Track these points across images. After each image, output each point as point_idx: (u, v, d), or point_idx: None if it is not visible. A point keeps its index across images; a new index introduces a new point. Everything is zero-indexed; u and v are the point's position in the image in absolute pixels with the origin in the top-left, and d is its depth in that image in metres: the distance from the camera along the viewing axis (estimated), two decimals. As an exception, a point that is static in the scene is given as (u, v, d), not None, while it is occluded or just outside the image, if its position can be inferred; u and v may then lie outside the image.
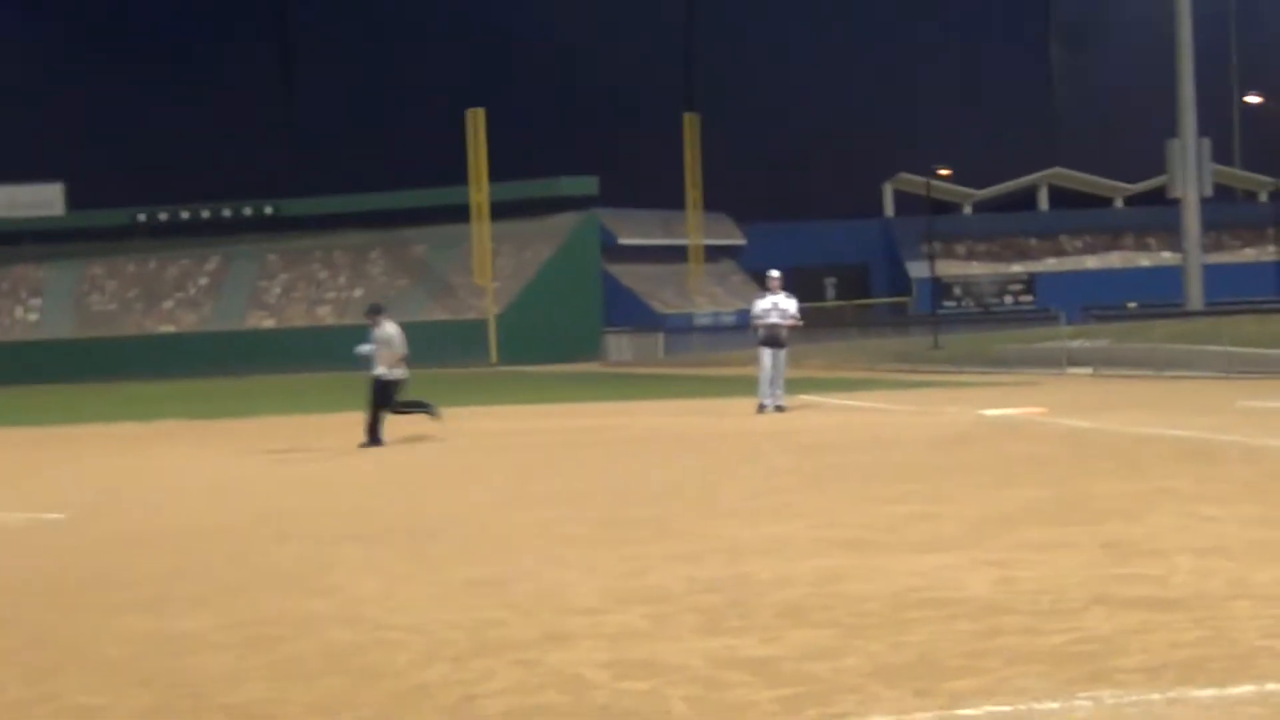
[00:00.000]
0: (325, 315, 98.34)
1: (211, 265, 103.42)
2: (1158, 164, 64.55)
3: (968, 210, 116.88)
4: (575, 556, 11.87)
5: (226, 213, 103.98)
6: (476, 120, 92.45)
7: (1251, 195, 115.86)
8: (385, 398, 25.40)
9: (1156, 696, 6.98)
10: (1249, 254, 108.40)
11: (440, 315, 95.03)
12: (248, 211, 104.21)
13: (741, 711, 6.98)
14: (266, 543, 13.59)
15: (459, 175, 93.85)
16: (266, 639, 9.11)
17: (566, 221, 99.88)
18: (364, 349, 25.61)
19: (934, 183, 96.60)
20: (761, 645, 8.37)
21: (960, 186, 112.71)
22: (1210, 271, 63.82)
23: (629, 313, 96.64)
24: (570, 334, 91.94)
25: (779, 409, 29.54)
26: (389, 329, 25.60)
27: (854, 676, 7.55)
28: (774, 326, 30.07)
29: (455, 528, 14.04)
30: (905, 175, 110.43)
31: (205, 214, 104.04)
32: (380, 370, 25.49)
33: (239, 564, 12.29)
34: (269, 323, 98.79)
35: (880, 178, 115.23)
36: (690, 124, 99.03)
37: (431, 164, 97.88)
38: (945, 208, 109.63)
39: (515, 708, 7.23)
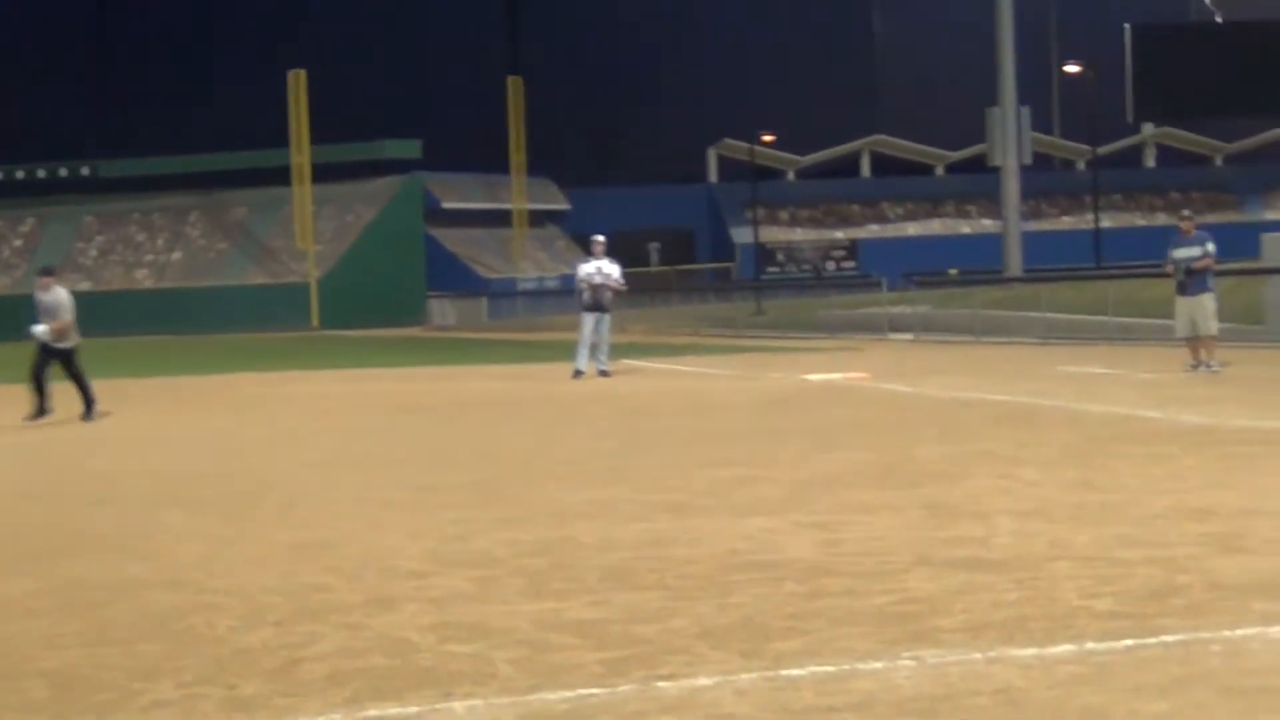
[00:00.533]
0: (143, 278, 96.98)
1: (26, 227, 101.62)
2: (978, 132, 65.16)
3: (791, 176, 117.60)
4: (399, 520, 11.80)
5: (41, 173, 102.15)
6: (298, 82, 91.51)
7: (1070, 164, 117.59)
8: (44, 365, 23.57)
9: (978, 656, 7.04)
10: (1067, 221, 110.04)
11: (260, 279, 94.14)
12: (63, 173, 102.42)
13: (568, 673, 6.96)
14: (83, 506, 13.38)
15: (280, 137, 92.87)
16: (85, 604, 8.97)
17: (389, 185, 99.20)
18: (38, 330, 23.66)
19: (758, 149, 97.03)
20: (587, 608, 8.35)
21: (784, 153, 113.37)
22: (1030, 239, 64.62)
23: (452, 277, 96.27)
24: (393, 298, 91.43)
25: (603, 373, 29.56)
26: (59, 293, 23.97)
27: (680, 638, 7.56)
28: (598, 289, 30.05)
29: (277, 492, 13.90)
30: (729, 141, 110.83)
31: (20, 174, 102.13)
32: (42, 332, 23.67)
33: (56, 529, 12.08)
34: (85, 285, 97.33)
35: (704, 143, 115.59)
36: (514, 87, 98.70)
37: (253, 126, 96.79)
38: (769, 174, 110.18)
39: (340, 671, 7.16)
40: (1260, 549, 9.41)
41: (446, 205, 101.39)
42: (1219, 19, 57.57)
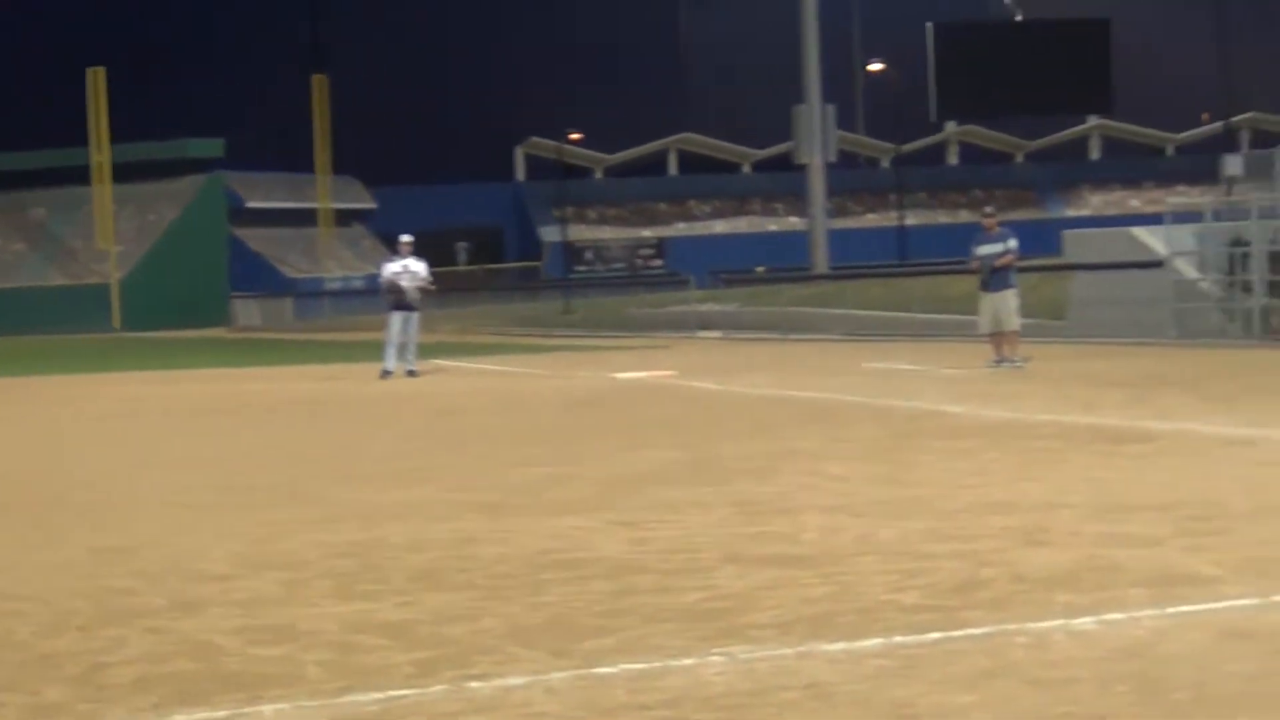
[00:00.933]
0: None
1: None
2: (784, 130, 65.71)
3: (599, 175, 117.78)
4: (205, 523, 11.65)
5: None
6: (97, 79, 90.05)
7: (875, 161, 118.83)
8: None
9: (787, 651, 7.08)
10: (872, 219, 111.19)
11: (60, 280, 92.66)
12: None
13: (378, 675, 6.91)
14: (-122, 514, 13.08)
15: (80, 136, 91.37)
16: (-121, 614, 8.75)
17: (192, 184, 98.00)
18: None
19: (565, 147, 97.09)
20: (397, 609, 8.29)
21: (591, 151, 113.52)
22: (835, 236, 65.24)
23: (257, 277, 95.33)
24: (196, 299, 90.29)
25: (411, 373, 29.40)
26: None
27: (491, 638, 7.53)
28: (405, 290, 29.88)
29: (79, 495, 13.67)
30: (536, 139, 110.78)
31: None
32: None
33: None
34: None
35: (512, 142, 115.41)
36: (319, 85, 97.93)
37: (51, 124, 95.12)
38: (576, 172, 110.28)
39: (146, 675, 7.05)
40: (1062, 542, 9.55)
41: (251, 204, 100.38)
42: (1019, 18, 58.48)
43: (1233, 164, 41.72)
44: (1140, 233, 35.08)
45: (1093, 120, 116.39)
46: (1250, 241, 31.11)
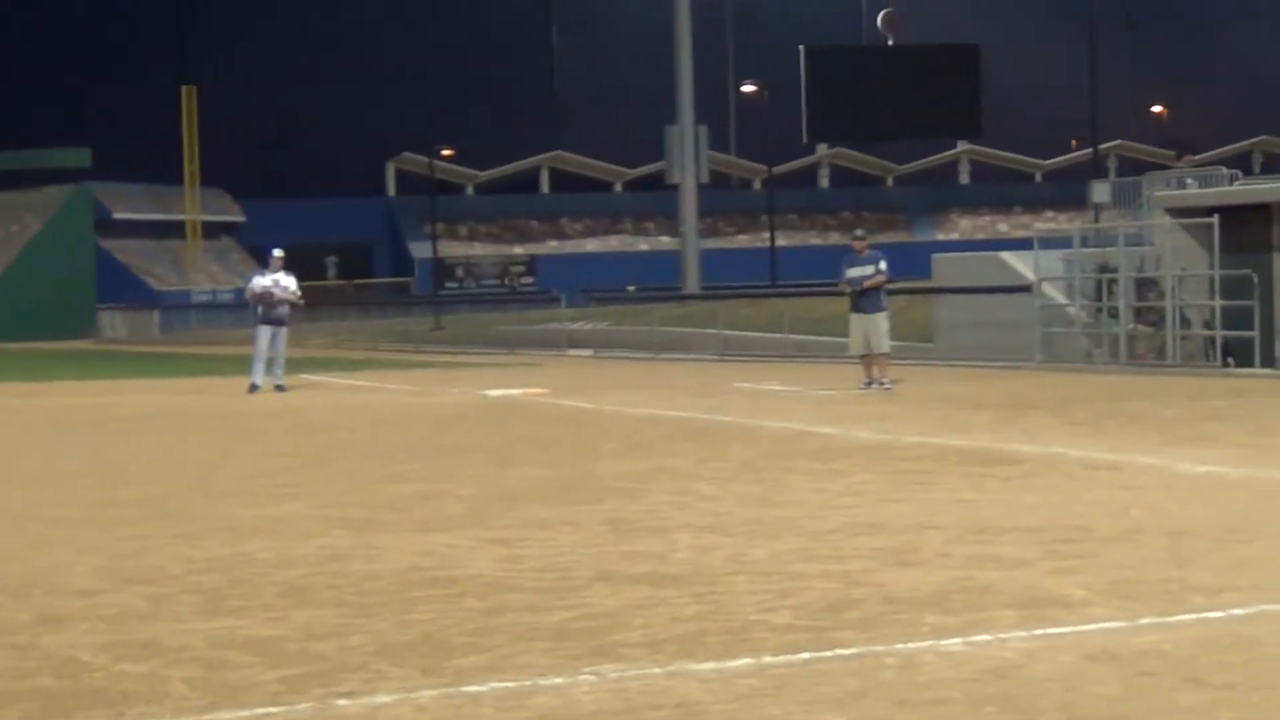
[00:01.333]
0: None
1: None
2: (656, 150, 65.82)
3: (470, 191, 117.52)
4: (68, 538, 11.50)
5: None
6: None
7: (746, 183, 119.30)
8: None
9: (658, 670, 7.07)
10: (744, 240, 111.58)
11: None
12: None
13: (244, 692, 6.83)
14: None
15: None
16: None
17: (57, 194, 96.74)
18: None
19: (437, 163, 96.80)
20: (264, 625, 8.22)
21: (463, 167, 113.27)
22: (707, 256, 65.36)
23: (124, 289, 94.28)
24: (61, 310, 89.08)
25: (279, 388, 29.17)
26: None
27: (360, 655, 7.47)
28: (276, 304, 29.64)
29: (-60, 509, 13.45)
30: (408, 155, 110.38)
31: None
32: None
33: None
34: None
35: (383, 157, 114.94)
36: (188, 96, 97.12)
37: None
38: (448, 188, 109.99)
39: (8, 692, 6.94)
40: (931, 563, 9.61)
41: (117, 215, 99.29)
42: (890, 42, 58.94)
43: (1100, 191, 42.22)
44: (1009, 257, 35.41)
45: (962, 145, 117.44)
46: (1117, 268, 31.48)
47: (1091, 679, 6.80)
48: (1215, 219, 29.32)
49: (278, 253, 30.40)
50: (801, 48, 56.32)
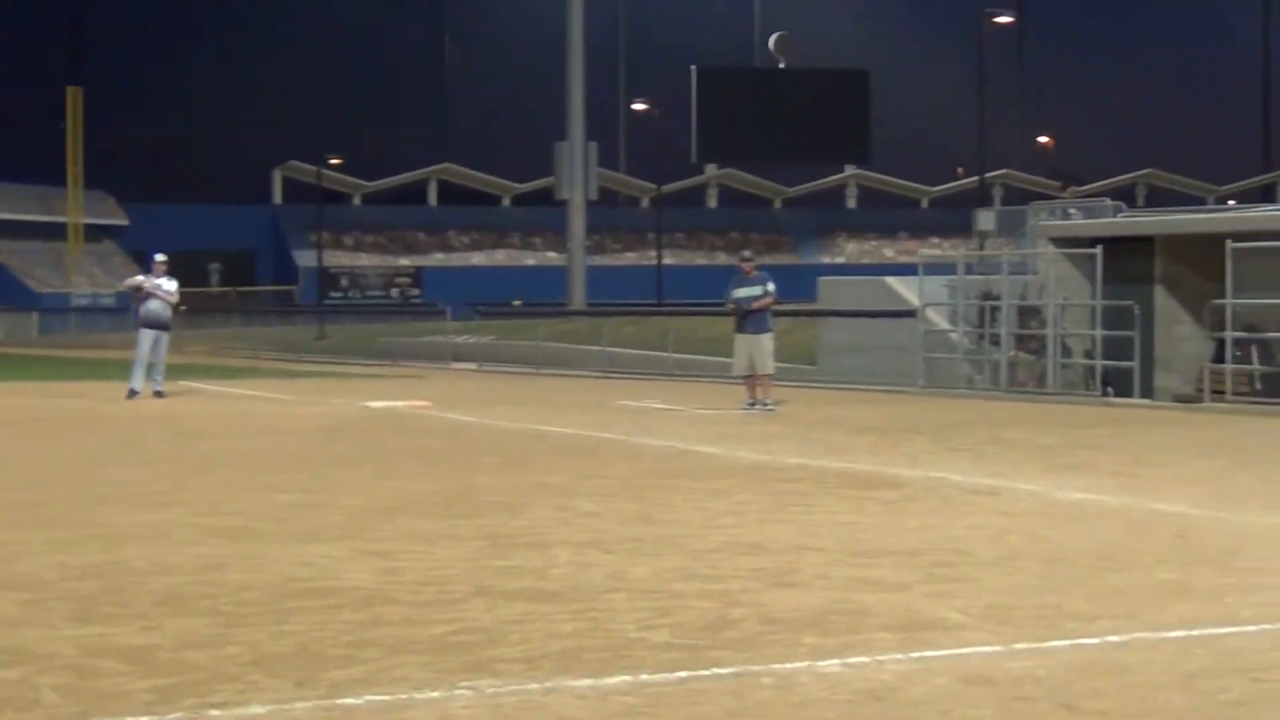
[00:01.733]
0: None
1: None
2: (546, 165, 65.85)
3: (358, 201, 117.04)
4: (-61, 540, 11.33)
5: None
6: None
7: (635, 200, 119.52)
8: None
9: (534, 686, 7.04)
10: (631, 257, 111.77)
11: None
12: None
13: (115, 701, 6.75)
14: None
15: None
16: None
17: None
18: None
19: (325, 172, 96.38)
20: (138, 634, 8.12)
21: (351, 177, 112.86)
22: (593, 273, 65.47)
23: (3, 291, 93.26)
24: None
25: (158, 394, 28.90)
26: None
27: (234, 666, 7.40)
28: (146, 298, 29.27)
29: None
30: (295, 163, 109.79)
31: None
32: None
33: None
34: None
35: (270, 164, 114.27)
36: (73, 97, 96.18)
37: None
38: (335, 198, 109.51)
39: None
40: (810, 584, 9.63)
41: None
42: (781, 65, 59.22)
43: (985, 219, 42.58)
44: (893, 282, 35.64)
45: (851, 170, 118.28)
46: (1000, 295, 31.73)
47: (967, 702, 6.83)
48: (1099, 250, 29.62)
49: (160, 257, 30.12)
50: (693, 68, 56.51)
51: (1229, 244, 27.00)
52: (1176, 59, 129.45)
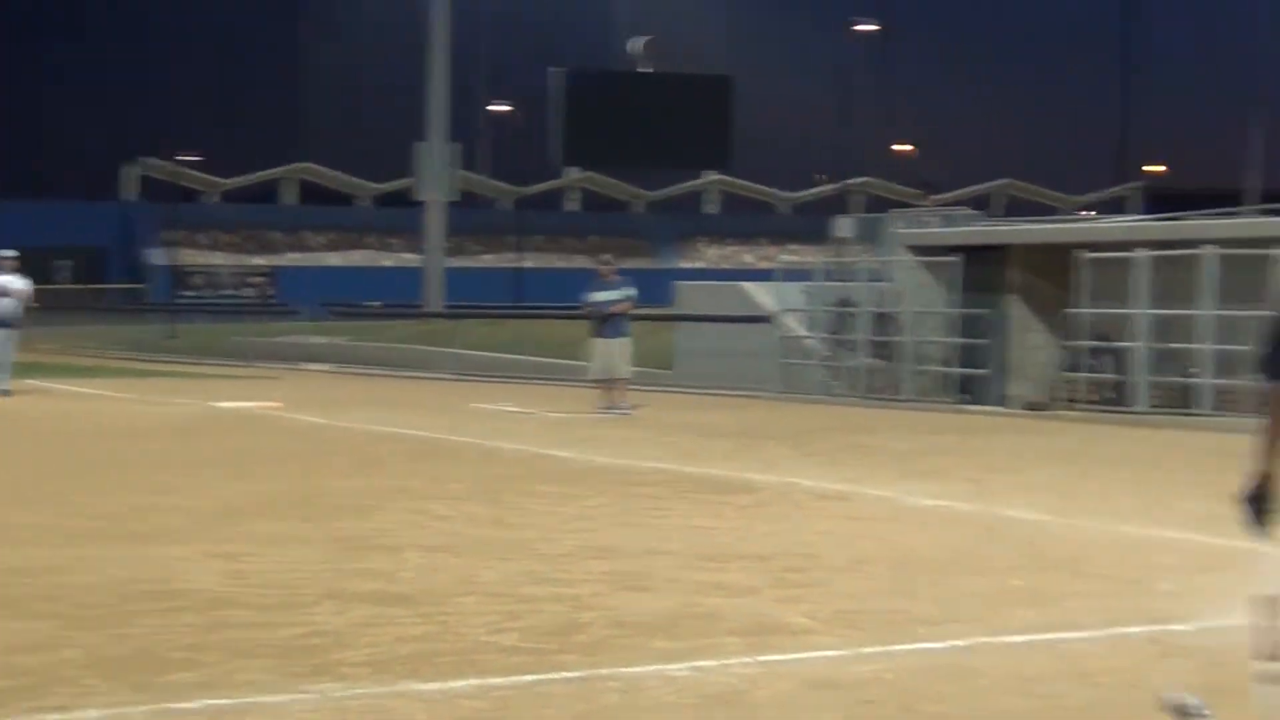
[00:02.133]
0: None
1: None
2: (405, 165, 65.50)
3: (213, 199, 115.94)
4: None
5: None
6: None
7: (494, 202, 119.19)
8: None
9: (381, 689, 6.98)
10: (489, 259, 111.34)
11: None
12: None
13: (-54, 706, 6.60)
14: None
15: None
16: None
17: None
18: None
19: (179, 169, 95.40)
20: (-29, 637, 7.96)
21: (205, 174, 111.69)
22: (452, 275, 65.08)
23: None
24: None
25: (3, 393, 28.44)
26: None
27: (70, 669, 7.27)
28: (9, 306, 28.86)
29: None
30: (148, 160, 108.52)
31: None
32: None
33: None
34: None
35: (120, 160, 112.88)
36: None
37: None
38: (188, 195, 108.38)
39: None
40: (661, 588, 9.61)
41: None
42: (644, 69, 59.26)
43: (844, 226, 42.80)
44: (750, 287, 35.71)
45: (711, 175, 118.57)
46: (857, 303, 31.89)
47: (813, 706, 6.83)
48: (959, 258, 29.85)
49: (8, 253, 29.67)
50: (552, 70, 56.44)
51: (1076, 254, 27.31)
52: (1037, 70, 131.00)
